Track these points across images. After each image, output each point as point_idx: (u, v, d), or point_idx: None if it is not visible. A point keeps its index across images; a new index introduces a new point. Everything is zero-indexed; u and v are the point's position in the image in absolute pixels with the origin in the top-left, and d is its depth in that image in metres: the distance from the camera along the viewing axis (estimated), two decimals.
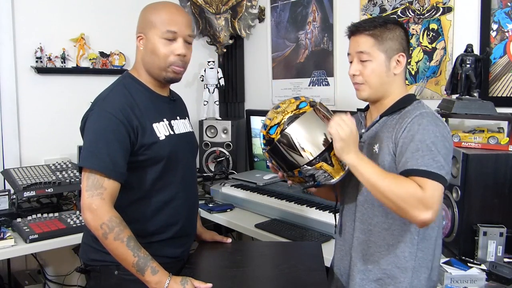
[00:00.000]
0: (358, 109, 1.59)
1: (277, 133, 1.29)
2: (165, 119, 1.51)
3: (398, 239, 1.30)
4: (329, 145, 1.27)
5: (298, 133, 1.27)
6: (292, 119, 1.28)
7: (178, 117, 1.58)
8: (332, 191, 1.55)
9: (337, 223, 1.49)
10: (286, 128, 1.28)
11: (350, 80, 1.41)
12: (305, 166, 1.27)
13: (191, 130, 1.65)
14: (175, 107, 1.60)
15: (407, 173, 1.21)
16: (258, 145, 1.62)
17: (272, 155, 1.33)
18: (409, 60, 1.45)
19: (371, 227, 1.33)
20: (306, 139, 1.27)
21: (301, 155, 1.27)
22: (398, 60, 1.35)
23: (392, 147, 1.29)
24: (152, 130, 1.45)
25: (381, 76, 1.34)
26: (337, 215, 1.51)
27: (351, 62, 1.39)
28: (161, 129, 1.47)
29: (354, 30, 1.37)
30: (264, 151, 1.36)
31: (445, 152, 1.22)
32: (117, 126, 1.38)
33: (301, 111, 1.30)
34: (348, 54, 1.40)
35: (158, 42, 1.45)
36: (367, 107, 1.48)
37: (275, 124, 1.30)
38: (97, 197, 1.32)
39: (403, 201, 1.16)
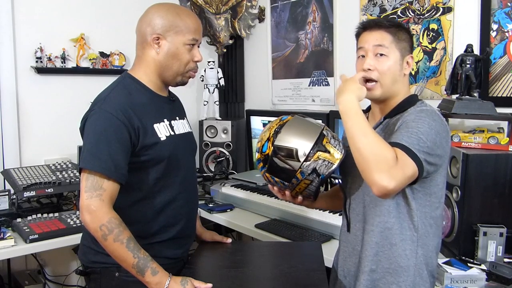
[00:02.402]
0: None
1: (269, 147, 1.33)
2: (165, 120, 1.50)
3: (399, 238, 1.31)
4: (319, 134, 1.32)
5: (287, 138, 1.32)
6: (278, 130, 1.34)
7: (177, 118, 1.58)
8: (336, 198, 1.58)
9: (346, 221, 1.48)
10: (275, 139, 1.33)
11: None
12: (304, 163, 1.29)
13: (190, 131, 1.65)
14: (174, 108, 1.60)
15: (390, 144, 1.22)
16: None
17: (272, 173, 1.35)
18: None
19: (373, 227, 1.33)
20: (296, 140, 1.32)
21: (297, 158, 1.30)
22: (407, 62, 1.37)
23: None
24: (153, 130, 1.44)
25: (395, 75, 1.35)
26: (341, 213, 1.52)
27: (362, 57, 1.37)
28: (162, 130, 1.47)
29: (373, 25, 1.37)
30: (264, 174, 1.38)
31: (431, 146, 1.21)
32: (118, 127, 1.36)
33: (284, 121, 1.37)
34: (360, 48, 1.38)
35: (183, 48, 1.47)
36: (369, 108, 1.48)
37: (265, 141, 1.35)
38: (96, 198, 1.31)
39: (375, 161, 1.15)
